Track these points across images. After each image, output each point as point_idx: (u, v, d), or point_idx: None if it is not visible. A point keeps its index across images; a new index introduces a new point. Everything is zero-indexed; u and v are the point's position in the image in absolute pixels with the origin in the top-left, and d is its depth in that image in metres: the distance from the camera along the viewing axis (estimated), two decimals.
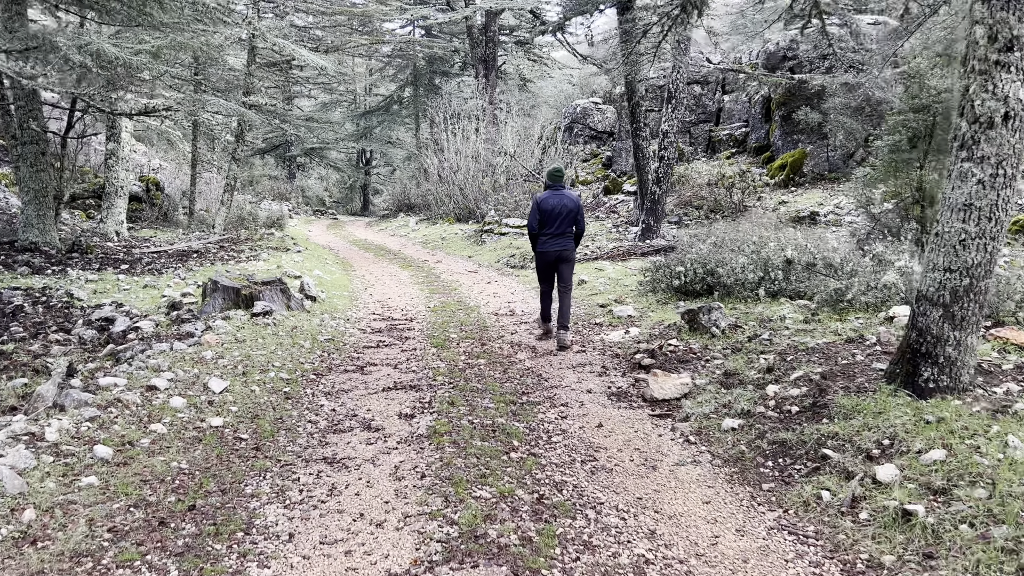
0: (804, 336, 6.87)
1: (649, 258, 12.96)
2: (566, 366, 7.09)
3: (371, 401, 5.94)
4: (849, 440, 4.47)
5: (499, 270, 14.51)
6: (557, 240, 7.90)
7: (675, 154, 15.60)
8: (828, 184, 18.02)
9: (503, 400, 5.90)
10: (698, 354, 6.97)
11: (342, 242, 21.45)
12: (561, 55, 37.95)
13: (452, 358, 7.31)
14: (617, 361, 7.17)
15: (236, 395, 5.75)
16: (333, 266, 14.99)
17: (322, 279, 12.41)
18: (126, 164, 18.01)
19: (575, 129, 25.91)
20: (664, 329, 7.96)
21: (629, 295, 10.25)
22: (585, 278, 11.64)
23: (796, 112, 18.17)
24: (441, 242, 19.55)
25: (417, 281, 13.20)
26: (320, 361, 7.13)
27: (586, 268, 12.71)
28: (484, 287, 12.46)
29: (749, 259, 9.12)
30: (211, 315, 8.46)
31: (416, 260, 16.57)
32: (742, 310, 8.27)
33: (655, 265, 10.14)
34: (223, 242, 17.24)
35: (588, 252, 14.53)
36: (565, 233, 7.93)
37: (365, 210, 40.50)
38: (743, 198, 17.02)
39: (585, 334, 8.42)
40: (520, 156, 22.41)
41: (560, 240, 7.91)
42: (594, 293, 10.78)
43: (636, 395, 6.09)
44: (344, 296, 11.22)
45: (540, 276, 8.22)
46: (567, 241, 7.96)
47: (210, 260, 14.38)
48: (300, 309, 9.20)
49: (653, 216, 15.52)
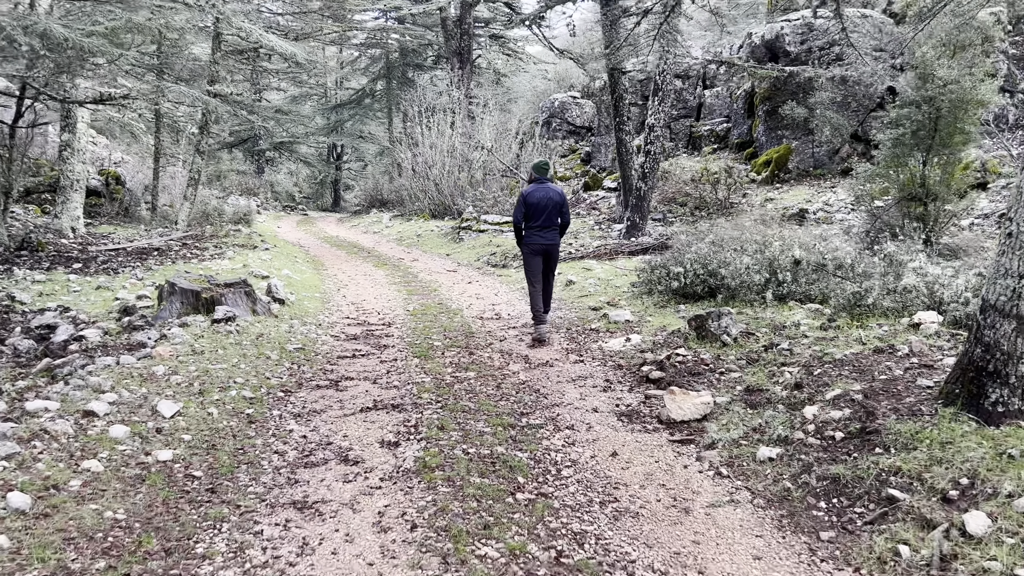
0: (826, 346, 6.18)
1: (637, 257, 12.26)
2: (565, 379, 6.32)
3: (348, 424, 5.12)
4: (917, 477, 3.76)
5: (480, 269, 13.71)
6: (544, 233, 7.79)
7: (661, 149, 14.92)
8: (814, 181, 17.47)
9: (500, 422, 5.11)
10: (710, 365, 6.24)
11: (313, 239, 20.50)
12: (536, 50, 37.21)
13: (438, 370, 6.51)
14: (621, 373, 6.42)
15: (190, 420, 4.90)
16: (303, 265, 14.08)
17: (291, 279, 11.52)
18: (82, 156, 16.93)
19: (553, 124, 25.15)
20: (668, 337, 7.23)
21: (623, 297, 9.51)
22: (573, 278, 10.89)
23: (782, 107, 17.58)
24: (417, 239, 18.69)
25: (394, 281, 12.35)
26: (289, 375, 6.29)
27: (573, 268, 11.96)
28: (465, 288, 11.66)
29: (754, 259, 8.43)
30: (167, 321, 7.57)
31: (392, 258, 15.71)
32: (750, 315, 7.57)
33: (650, 265, 9.42)
34: (186, 239, 16.23)
35: (572, 251, 13.78)
36: (551, 226, 7.84)
37: (336, 206, 39.40)
38: (729, 195, 16.39)
39: (581, 341, 7.67)
40: (497, 151, 21.61)
41: (547, 233, 7.81)
42: (584, 295, 10.04)
43: (649, 415, 5.34)
44: (315, 298, 10.35)
45: (530, 273, 7.93)
46: (554, 234, 7.87)
47: (171, 258, 13.41)
48: (267, 314, 8.33)
49: (638, 213, 14.82)
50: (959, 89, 9.95)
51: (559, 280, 10.99)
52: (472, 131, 22.54)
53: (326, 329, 8.36)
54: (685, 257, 8.78)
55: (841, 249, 8.76)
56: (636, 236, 14.68)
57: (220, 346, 6.65)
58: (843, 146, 17.85)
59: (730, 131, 21.30)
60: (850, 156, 17.82)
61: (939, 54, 10.04)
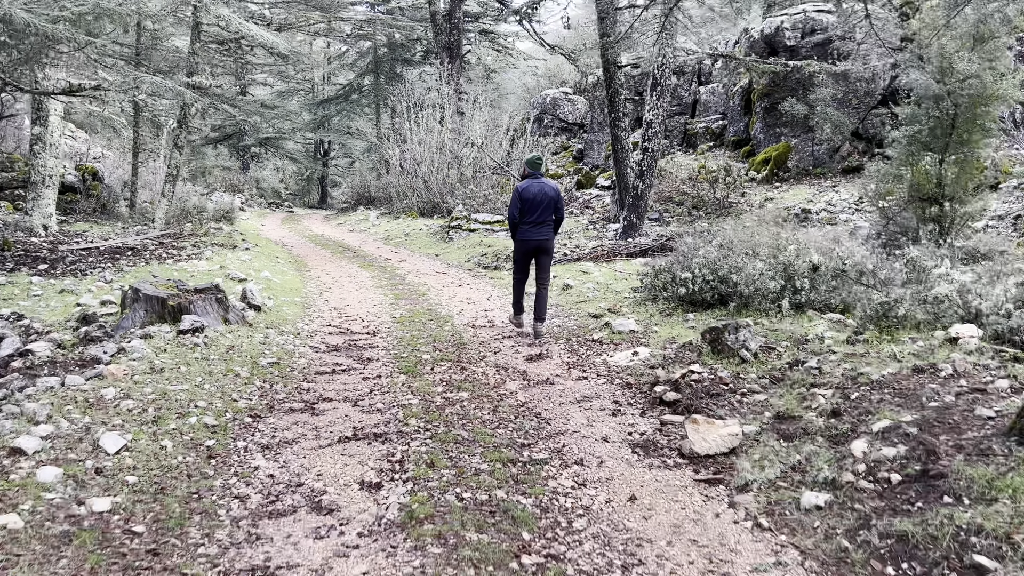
0: (858, 363, 5.52)
1: (637, 260, 11.59)
2: (569, 400, 5.63)
3: (323, 459, 4.41)
4: (1006, 539, 3.09)
5: (470, 271, 13.00)
6: (538, 229, 7.64)
7: (659, 146, 14.26)
8: (814, 180, 16.86)
9: (499, 456, 4.42)
10: (730, 385, 5.57)
11: (297, 238, 19.72)
12: (527, 46, 36.51)
13: (427, 389, 5.80)
14: (631, 394, 5.74)
15: (139, 456, 4.17)
16: (285, 266, 13.32)
17: (271, 282, 10.77)
18: (55, 151, 16.09)
19: (545, 120, 24.45)
20: (679, 350, 6.55)
21: (625, 304, 8.83)
22: (570, 282, 10.20)
23: (781, 104, 16.97)
24: (405, 239, 17.95)
25: (380, 284, 11.62)
26: (259, 396, 5.56)
27: (569, 270, 11.27)
28: (455, 291, 10.95)
29: (767, 264, 7.77)
30: (129, 332, 6.82)
31: (378, 259, 14.97)
32: (766, 326, 6.91)
33: (654, 270, 8.75)
34: (164, 238, 15.43)
35: (567, 252, 13.09)
36: (546, 222, 7.69)
37: (323, 203, 38.56)
38: (728, 194, 15.75)
39: (583, 354, 6.98)
40: (488, 148, 20.90)
41: (541, 228, 7.66)
42: (583, 300, 9.35)
43: (668, 446, 4.66)
44: (296, 303, 9.61)
45: (517, 266, 7.91)
46: (548, 230, 7.71)
47: (146, 259, 12.63)
48: (240, 322, 7.59)
49: (635, 212, 14.15)
50: (979, 84, 9.32)
51: (555, 284, 10.30)
52: (462, 127, 21.81)
53: (305, 339, 7.63)
54: (693, 262, 8.11)
55: (857, 253, 8.11)
56: (633, 236, 14.02)
57: (184, 362, 5.91)
58: (843, 144, 17.26)
59: (726, 128, 20.68)
60: (851, 155, 17.23)
61: (958, 47, 9.41)
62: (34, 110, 15.64)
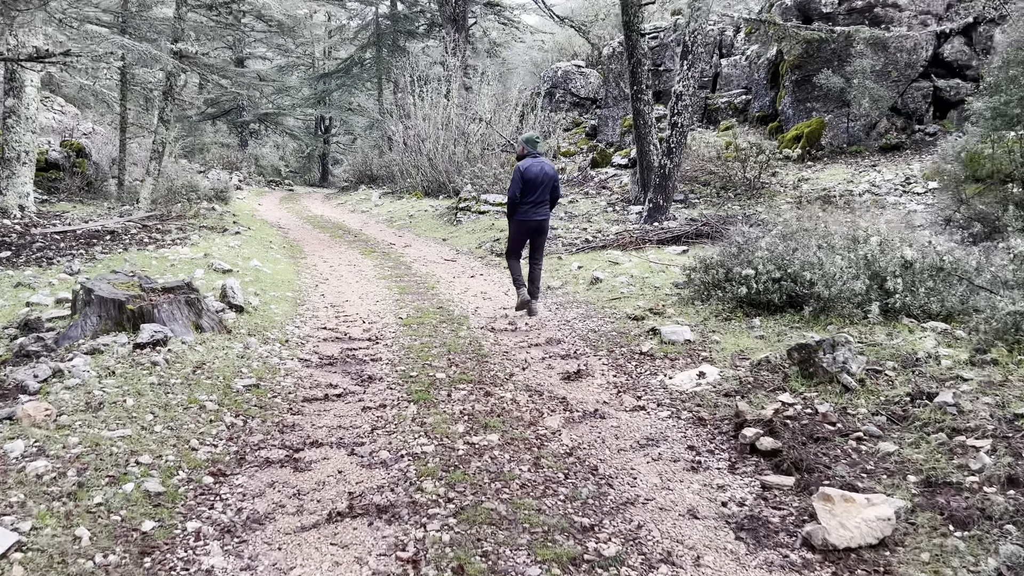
0: (1004, 396, 4.18)
1: (670, 248, 10.21)
2: (629, 443, 4.28)
3: (305, 554, 3.06)
4: None
5: (482, 259, 11.62)
6: (538, 209, 7.56)
7: (689, 121, 12.81)
8: (850, 158, 15.41)
9: (554, 553, 3.07)
10: (838, 426, 4.22)
11: (295, 219, 18.29)
12: (533, 20, 34.84)
13: (444, 428, 4.44)
14: (707, 434, 4.39)
15: (36, 561, 2.83)
16: (279, 252, 11.93)
17: (260, 273, 9.39)
18: (31, 124, 14.63)
19: (556, 95, 22.90)
20: (755, 371, 5.19)
21: (668, 302, 7.46)
22: (599, 275, 8.82)
23: (816, 76, 15.47)
24: (409, 220, 16.54)
25: (383, 274, 10.24)
26: (228, 439, 4.21)
27: (596, 260, 9.88)
28: (468, 283, 9.58)
29: (847, 260, 6.39)
30: (75, 344, 5.47)
31: (381, 243, 13.58)
32: (856, 337, 5.55)
33: (703, 263, 7.36)
34: (149, 219, 14.04)
35: (589, 238, 11.70)
36: (545, 202, 7.63)
37: (324, 180, 37.06)
38: (759, 173, 14.32)
39: (632, 372, 5.61)
40: (496, 123, 19.41)
41: (541, 208, 7.59)
42: (616, 297, 7.98)
43: (783, 528, 3.31)
44: (286, 299, 8.24)
45: (514, 245, 7.76)
46: (546, 209, 7.67)
47: (124, 244, 11.25)
48: (216, 329, 6.22)
49: (662, 194, 12.74)
50: None
51: (583, 276, 8.95)
52: (469, 102, 20.30)
53: (294, 349, 6.27)
54: (755, 256, 6.72)
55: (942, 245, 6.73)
56: (660, 220, 12.62)
57: (134, 390, 4.56)
58: (880, 120, 15.78)
59: (750, 103, 19.18)
60: (888, 131, 15.78)
61: None
62: (6, 80, 14.18)
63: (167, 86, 13.96)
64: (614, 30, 23.43)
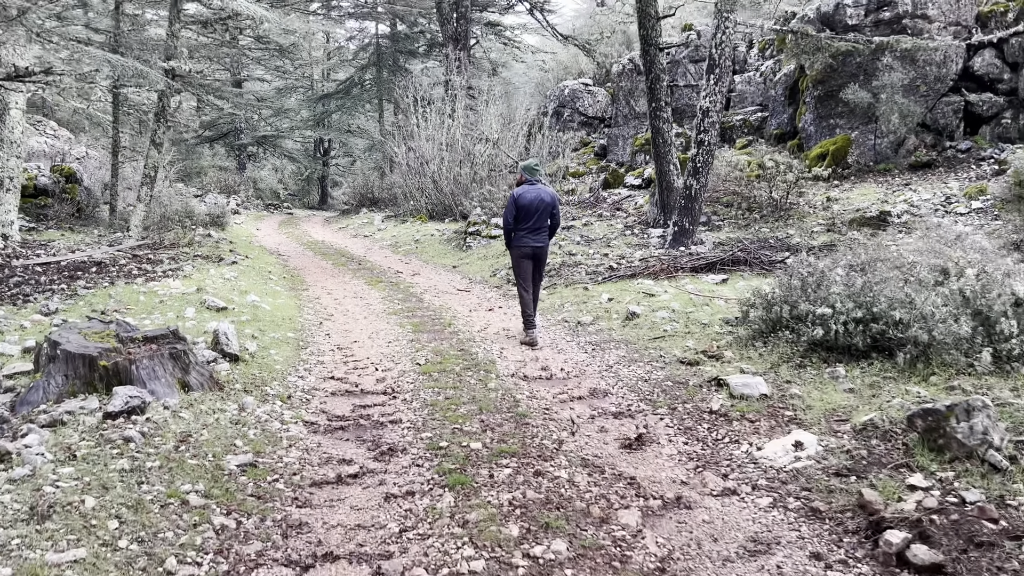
0: None
1: (707, 276, 9.25)
2: (735, 552, 3.27)
3: None
4: None
5: (498, 288, 10.64)
6: (535, 236, 7.37)
7: (717, 138, 11.90)
8: (878, 177, 14.50)
9: None
10: (1000, 523, 3.24)
11: (295, 244, 17.31)
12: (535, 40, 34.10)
13: (493, 533, 3.41)
14: (830, 533, 3.39)
15: None
16: (278, 284, 10.94)
17: (258, 309, 8.39)
18: (16, 149, 13.74)
19: (564, 114, 22.03)
20: (859, 438, 4.21)
21: (722, 342, 6.49)
22: (635, 309, 7.85)
23: (843, 91, 14.62)
24: (415, 246, 15.57)
25: (393, 308, 9.25)
26: (215, 553, 3.19)
27: (627, 291, 8.91)
28: (487, 318, 8.60)
29: (943, 298, 5.43)
30: (34, 411, 4.47)
31: (387, 272, 12.61)
32: (969, 392, 4.58)
33: (764, 300, 6.40)
34: (141, 248, 13.06)
35: (613, 265, 10.73)
36: (543, 228, 7.43)
37: (323, 203, 36.14)
38: (788, 194, 13.40)
39: (706, 437, 4.61)
40: (503, 143, 18.52)
41: (538, 236, 7.39)
42: (660, 336, 7.00)
43: None
44: (287, 342, 7.24)
45: (521, 276, 7.48)
46: (544, 236, 7.46)
47: (111, 277, 10.27)
48: (206, 385, 5.22)
49: (687, 216, 11.80)
50: None
51: (616, 312, 7.99)
52: (474, 122, 19.42)
53: (298, 408, 5.27)
54: (831, 292, 5.76)
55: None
56: (686, 244, 11.68)
57: (98, 482, 3.55)
58: (908, 137, 14.90)
59: (766, 121, 18.33)
60: (917, 148, 14.88)
61: None
62: None
63: (159, 107, 13.03)
64: (622, 47, 22.66)
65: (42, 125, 24.89)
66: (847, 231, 11.92)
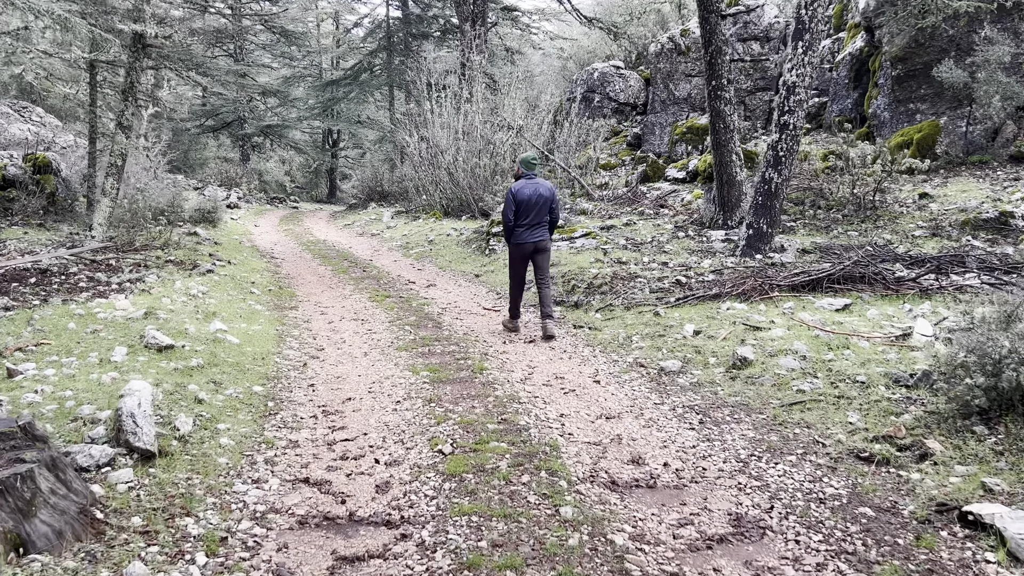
0: None
1: (822, 302, 6.80)
2: None
3: None
4: None
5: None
6: (534, 231, 6.98)
7: (803, 121, 9.41)
8: (974, 170, 11.98)
9: None
10: None
11: (293, 245, 14.91)
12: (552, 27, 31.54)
13: None
14: None
15: None
16: (260, 300, 8.51)
17: (220, 346, 5.97)
18: None
19: (593, 99, 19.48)
20: None
21: (907, 419, 4.06)
22: (744, 351, 5.40)
23: (934, 68, 12.09)
24: (429, 247, 13.14)
25: (403, 340, 6.82)
26: None
27: (716, 318, 6.45)
28: (530, 356, 6.19)
29: None
30: None
31: (396, 281, 10.19)
32: None
33: (981, 356, 3.96)
34: (105, 250, 10.69)
35: (682, 279, 8.25)
36: (542, 223, 7.02)
37: (332, 196, 33.74)
38: (877, 190, 10.92)
39: None
40: (526, 131, 16.05)
41: (537, 230, 7.00)
42: (797, 402, 4.57)
43: None
44: (249, 406, 4.82)
45: (514, 272, 7.11)
46: (544, 231, 7.07)
47: (50, 291, 7.92)
48: (69, 534, 2.81)
49: (765, 217, 9.34)
50: None
51: (711, 353, 5.56)
52: (494, 107, 16.94)
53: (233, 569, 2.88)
54: None
55: None
56: (762, 251, 9.23)
57: None
58: (1006, 124, 12.36)
59: (825, 107, 15.82)
60: (1016, 137, 12.35)
61: None
62: None
63: (127, 83, 10.61)
64: (656, 27, 20.11)
65: (27, 111, 22.51)
66: (959, 236, 9.47)
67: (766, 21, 16.46)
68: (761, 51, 16.67)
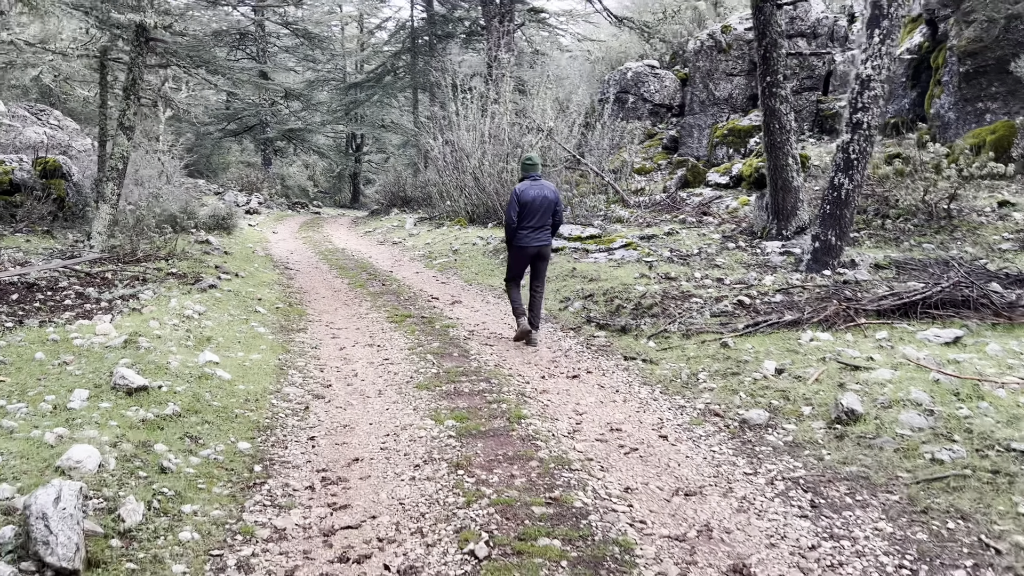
0: None
1: (926, 333, 5.63)
2: None
3: None
4: None
5: (577, 330, 7.13)
6: (537, 234, 6.76)
7: (877, 120, 8.20)
8: None
9: None
10: None
11: (310, 253, 13.93)
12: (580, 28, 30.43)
13: None
14: None
15: None
16: (265, 322, 7.48)
17: (207, 383, 4.93)
18: None
19: (627, 100, 18.32)
20: None
21: None
22: (850, 402, 4.25)
23: (1012, 63, 10.83)
24: (453, 258, 12.08)
25: (425, 374, 5.74)
26: None
27: (799, 352, 5.29)
28: (577, 399, 5.08)
29: None
30: None
31: (418, 298, 9.13)
32: None
33: None
34: (103, 261, 9.76)
35: (744, 300, 7.10)
36: (545, 226, 6.81)
37: (355, 201, 32.87)
38: (950, 197, 9.69)
39: None
40: (556, 133, 14.96)
41: (540, 233, 6.78)
42: (935, 477, 3.44)
43: None
44: (229, 473, 3.76)
45: (513, 272, 6.90)
46: (546, 235, 6.85)
47: (29, 310, 6.97)
48: None
49: (835, 227, 8.16)
50: None
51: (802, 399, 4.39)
52: (522, 109, 15.87)
53: None
54: None
55: None
56: (831, 266, 8.05)
57: None
58: None
59: None
60: None
61: None
62: None
63: (129, 80, 9.69)
64: (692, 26, 18.92)
65: (44, 114, 21.84)
66: None
67: (813, 16, 15.23)
68: (807, 47, 15.42)
